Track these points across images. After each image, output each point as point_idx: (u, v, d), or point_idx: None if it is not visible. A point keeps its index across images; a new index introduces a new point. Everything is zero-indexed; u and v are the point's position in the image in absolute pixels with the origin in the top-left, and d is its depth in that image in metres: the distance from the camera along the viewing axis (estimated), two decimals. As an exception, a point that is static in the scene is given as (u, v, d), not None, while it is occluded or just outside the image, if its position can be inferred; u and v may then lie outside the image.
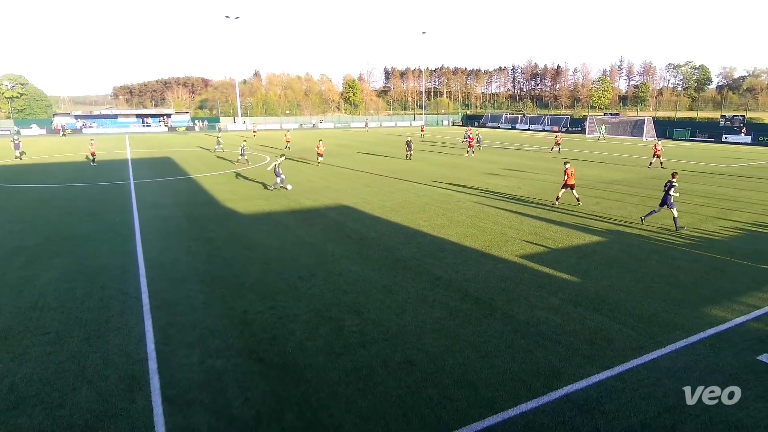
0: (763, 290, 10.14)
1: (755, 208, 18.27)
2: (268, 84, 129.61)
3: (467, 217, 16.58)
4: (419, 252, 12.69)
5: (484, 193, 21.13)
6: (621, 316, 8.93)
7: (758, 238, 14.16)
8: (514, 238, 13.97)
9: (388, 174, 27.15)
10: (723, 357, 7.51)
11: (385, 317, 8.87)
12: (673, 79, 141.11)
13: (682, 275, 11.04)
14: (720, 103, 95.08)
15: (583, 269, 11.41)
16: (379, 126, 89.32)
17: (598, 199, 19.83)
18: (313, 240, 13.93)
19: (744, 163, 32.93)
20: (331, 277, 10.91)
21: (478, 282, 10.56)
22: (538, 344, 7.89)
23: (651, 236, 14.28)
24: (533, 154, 38.63)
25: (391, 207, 18.29)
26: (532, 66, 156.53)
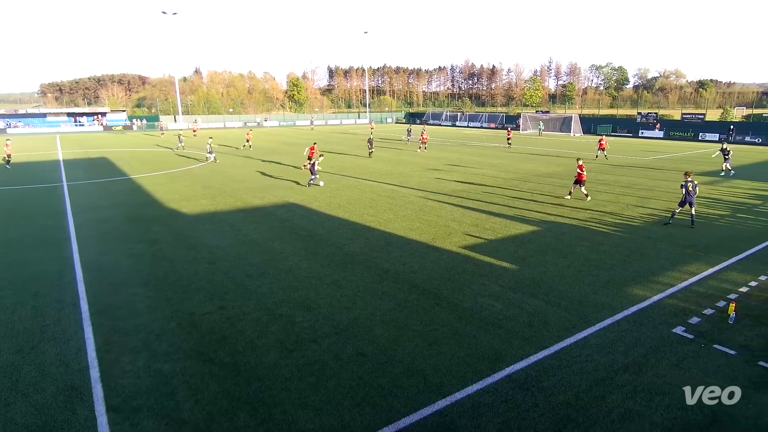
0: (676, 269, 11.03)
1: (668, 197, 19.79)
2: (210, 82, 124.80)
3: (412, 212, 16.81)
4: (367, 246, 12.72)
5: (428, 188, 21.50)
6: (555, 299, 9.41)
7: (671, 223, 15.35)
8: (457, 231, 14.33)
9: (335, 171, 26.97)
10: (643, 331, 8.11)
11: (336, 311, 8.84)
12: (596, 79, 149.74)
13: (608, 259, 11.80)
14: (636, 102, 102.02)
15: (520, 257, 11.90)
16: (324, 124, 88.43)
17: (531, 191, 20.72)
18: (261, 238, 13.61)
19: (658, 156, 35.55)
20: (281, 275, 10.72)
21: (425, 273, 10.75)
22: (482, 330, 8.16)
23: (580, 225, 15.12)
24: (474, 150, 39.71)
25: (338, 203, 18.20)
26: (469, 66, 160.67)
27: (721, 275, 10.78)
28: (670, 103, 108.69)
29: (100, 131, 71.41)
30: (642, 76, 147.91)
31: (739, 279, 10.52)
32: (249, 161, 31.35)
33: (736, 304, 8.80)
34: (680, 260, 11.71)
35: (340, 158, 33.52)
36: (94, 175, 26.48)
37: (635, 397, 6.37)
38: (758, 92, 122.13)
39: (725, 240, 13.50)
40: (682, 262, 11.60)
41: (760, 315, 8.76)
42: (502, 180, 23.90)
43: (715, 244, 13.11)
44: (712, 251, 12.41)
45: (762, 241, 13.35)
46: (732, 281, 10.39)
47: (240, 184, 22.74)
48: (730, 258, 11.89)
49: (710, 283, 10.31)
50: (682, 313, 8.81)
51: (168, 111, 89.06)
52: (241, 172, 26.60)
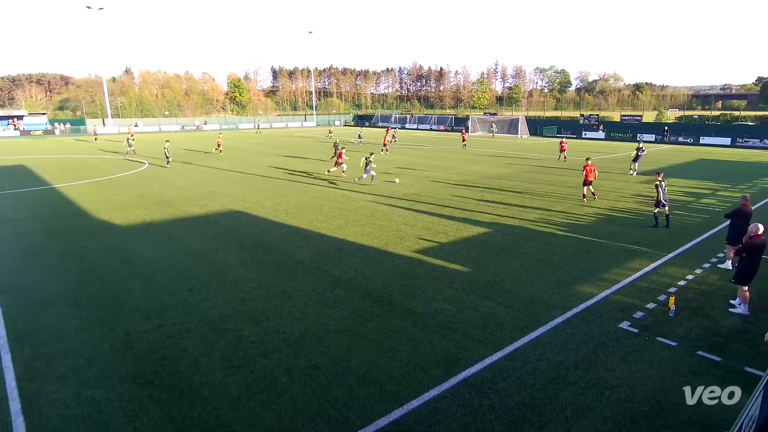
0: (620, 266, 11.71)
1: (611, 195, 20.99)
2: (143, 82, 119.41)
3: (363, 217, 16.83)
4: (318, 254, 12.61)
5: (379, 192, 21.61)
6: (508, 300, 9.71)
7: (614, 221, 16.31)
8: (410, 235, 14.50)
9: (282, 176, 26.55)
10: (592, 328, 8.54)
11: (286, 323, 8.68)
12: (540, 82, 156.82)
13: (557, 258, 12.34)
14: (579, 104, 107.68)
15: (473, 259, 12.21)
16: (269, 127, 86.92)
17: (482, 193, 21.33)
18: (203, 249, 13.15)
19: (601, 156, 37.65)
20: (226, 287, 10.40)
21: (378, 279, 10.78)
22: (437, 334, 8.27)
23: (529, 226, 15.73)
24: (425, 152, 40.36)
25: (286, 210, 17.93)
26: (417, 68, 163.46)
27: (662, 270, 11.55)
28: (610, 105, 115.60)
29: (16, 136, 66.44)
30: (583, 79, 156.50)
31: (677, 273, 11.31)
32: (188, 167, 30.23)
33: (676, 297, 9.46)
34: (624, 257, 12.44)
35: (287, 162, 33.04)
36: (9, 184, 24.58)
37: (587, 393, 6.68)
38: (688, 95, 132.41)
39: (664, 236, 14.48)
40: (625, 258, 12.32)
41: (697, 307, 9.46)
42: (452, 182, 24.43)
43: (655, 240, 14.03)
44: (652, 247, 13.27)
45: (697, 236, 14.44)
46: (671, 275, 11.16)
47: (179, 191, 21.88)
48: (669, 253, 12.77)
49: (652, 278, 11.02)
50: (627, 308, 9.35)
51: (95, 114, 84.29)
52: (180, 180, 25.61)
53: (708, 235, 14.60)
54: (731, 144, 50.09)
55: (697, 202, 20.05)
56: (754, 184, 25.07)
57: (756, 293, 9.68)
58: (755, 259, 9.06)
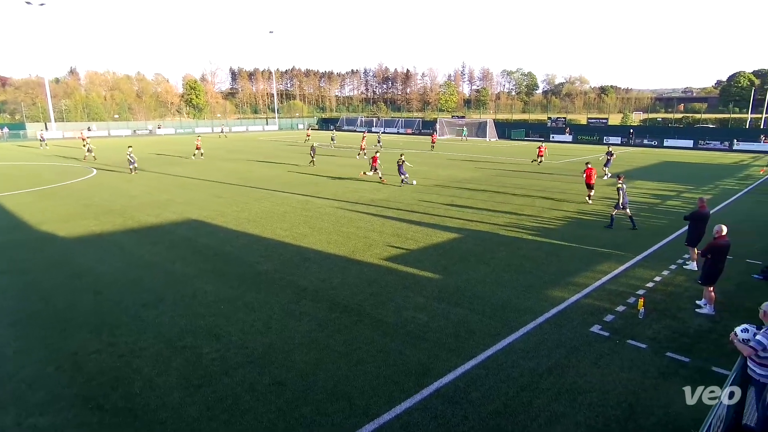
0: (589, 269, 12.07)
1: (579, 198, 21.65)
2: (89, 84, 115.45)
3: (329, 224, 16.76)
4: (282, 264, 12.46)
5: (345, 198, 21.58)
6: (479, 306, 9.85)
7: (582, 224, 16.82)
8: (378, 242, 14.52)
9: (243, 182, 26.15)
10: (564, 333, 8.75)
11: (249, 338, 8.52)
12: (507, 84, 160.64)
13: (527, 263, 12.61)
14: (546, 107, 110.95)
15: (443, 266, 12.33)
16: (228, 131, 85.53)
17: (451, 197, 21.61)
18: (158, 260, 12.77)
19: (569, 159, 38.83)
20: (183, 301, 10.13)
21: (346, 289, 10.74)
22: (407, 344, 8.29)
23: (499, 231, 16.03)
24: (392, 157, 40.57)
25: (247, 218, 17.65)
26: (383, 70, 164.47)
27: (630, 272, 11.98)
28: (577, 108, 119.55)
29: (-55, 142, 62.84)
30: (550, 81, 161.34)
31: (646, 275, 11.76)
32: (141, 175, 29.33)
33: (644, 299, 9.82)
34: (593, 260, 12.84)
35: (250, 168, 32.57)
36: (-61, 195, 23.21)
37: (560, 399, 6.83)
38: (652, 98, 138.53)
39: (632, 239, 15.03)
40: (594, 261, 12.72)
41: (665, 308, 9.84)
42: (421, 187, 24.65)
43: (623, 243, 14.54)
44: (621, 249, 13.75)
45: (663, 238, 15.06)
46: (640, 277, 11.59)
47: (131, 200, 21.20)
48: (636, 255, 13.26)
49: (621, 280, 11.41)
50: (597, 311, 9.64)
51: (36, 117, 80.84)
52: (132, 187, 24.84)
53: (674, 237, 15.24)
54: (694, 146, 52.56)
55: (663, 204, 20.92)
56: (716, 185, 26.38)
57: (721, 293, 10.16)
58: (719, 260, 9.51)
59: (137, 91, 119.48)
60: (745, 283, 11.29)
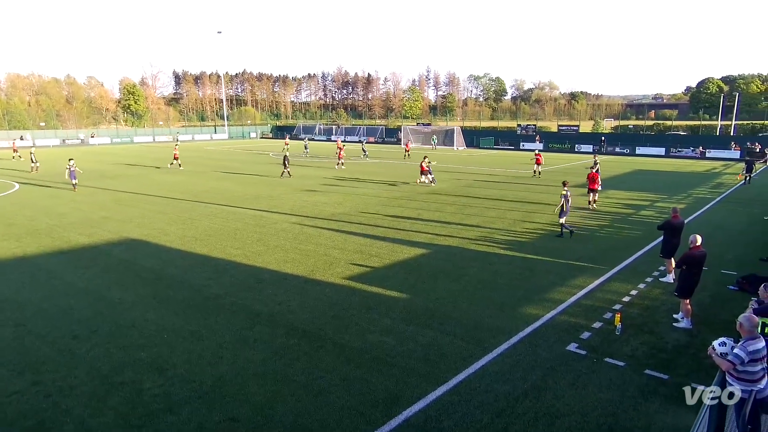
0: (565, 284, 12.38)
1: (551, 209, 22.22)
2: (11, 88, 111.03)
3: (286, 241, 16.60)
4: (233, 286, 12.23)
5: (304, 213, 21.44)
6: (451, 327, 9.91)
7: (555, 237, 17.27)
8: (340, 259, 14.46)
9: (190, 197, 25.59)
10: (540, 353, 8.91)
11: (197, 370, 8.28)
12: (475, 90, 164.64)
13: (500, 279, 12.82)
14: (516, 113, 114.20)
15: (411, 284, 12.37)
16: (171, 140, 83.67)
17: (418, 210, 21.79)
18: (91, 286, 12.30)
19: (540, 168, 39.86)
20: (121, 331, 9.77)
21: (305, 312, 10.62)
22: (373, 371, 8.24)
23: (470, 245, 16.25)
24: (354, 168, 40.63)
25: (194, 236, 17.27)
26: (342, 74, 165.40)
27: (606, 287, 12.36)
28: (547, 115, 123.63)
29: None
30: (519, 87, 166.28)
31: (622, 289, 12.15)
32: (69, 191, 28.25)
33: (621, 314, 10.14)
34: (568, 274, 13.18)
35: (197, 180, 31.94)
36: None
37: (537, 423, 6.93)
38: (623, 104, 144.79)
39: (607, 251, 15.54)
40: (569, 276, 13.06)
41: (642, 323, 10.19)
42: (385, 199, 24.78)
43: (598, 255, 15.00)
44: (595, 263, 14.17)
45: (638, 249, 15.63)
46: (616, 291, 11.97)
47: (59, 218, 20.38)
48: (612, 268, 13.70)
49: (597, 295, 11.75)
50: (573, 329, 9.87)
51: (-53, 125, 76.94)
52: (60, 204, 23.89)
53: (649, 248, 15.84)
54: (666, 154, 55.09)
55: (637, 214, 21.76)
56: (689, 194, 27.68)
57: (697, 305, 10.60)
58: (695, 271, 9.94)
59: (67, 96, 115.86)
60: (721, 295, 11.83)
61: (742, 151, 50.39)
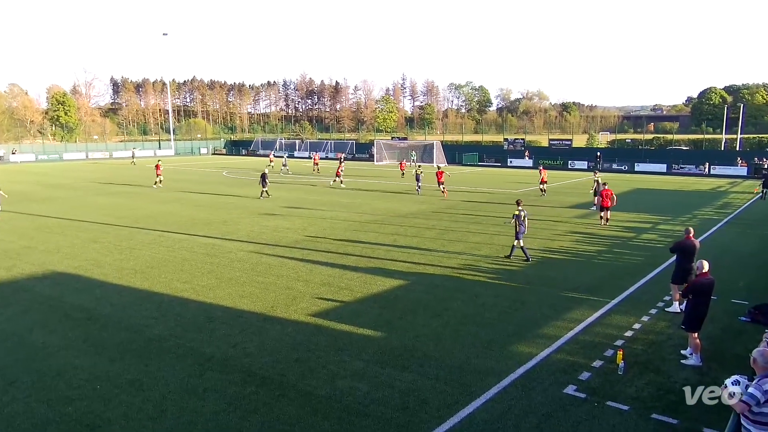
0: (560, 318, 12.51)
1: (543, 234, 22.57)
2: None
3: (242, 273, 16.43)
4: (179, 326, 12.03)
5: (263, 240, 21.28)
6: (432, 369, 9.87)
7: (548, 264, 17.52)
8: (304, 293, 14.36)
9: (129, 222, 25.18)
10: (534, 396, 8.93)
11: (136, 427, 8.07)
12: (456, 100, 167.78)
13: (487, 312, 12.88)
14: (502, 126, 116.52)
15: (386, 320, 12.33)
16: (108, 157, 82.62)
17: (394, 236, 21.85)
18: (9, 329, 11.97)
19: (529, 187, 40.60)
20: (44, 382, 9.48)
21: (264, 355, 10.49)
22: (344, 423, 8.13)
23: (453, 274, 16.33)
24: (320, 188, 40.64)
25: (134, 268, 16.97)
26: (306, 81, 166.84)
27: (606, 320, 12.52)
28: (537, 128, 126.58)
29: None
30: (505, 97, 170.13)
31: (624, 322, 12.33)
32: (-13, 214, 27.51)
33: (624, 351, 10.26)
34: (564, 306, 13.32)
35: (139, 203, 31.46)
36: None
37: (532, 479, 6.89)
38: (619, 116, 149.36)
39: (606, 279, 15.80)
40: (565, 308, 13.20)
41: (647, 361, 10.32)
42: (357, 224, 24.80)
43: (596, 284, 15.24)
44: (594, 293, 14.38)
45: (641, 277, 15.93)
46: (617, 325, 12.13)
47: (-28, 248, 19.75)
48: (612, 299, 13.91)
49: (596, 329, 11.89)
50: (571, 368, 9.94)
51: None
52: (-26, 231, 23.18)
53: (653, 275, 16.17)
54: (667, 170, 56.79)
55: (638, 237, 22.24)
56: (694, 215, 28.50)
57: (706, 339, 10.81)
58: (702, 301, 10.15)
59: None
60: (732, 327, 12.10)
61: (749, 168, 52.38)
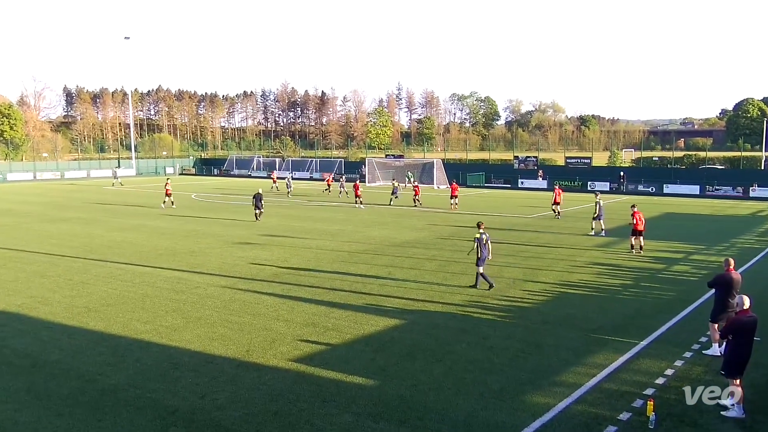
0: (582, 363, 12.44)
1: (560, 265, 22.60)
2: None
3: (213, 311, 16.35)
4: (139, 374, 11.93)
5: (237, 273, 21.22)
6: (433, 424, 9.77)
7: (568, 300, 17.50)
8: (285, 335, 14.27)
9: (82, 253, 25.08)
10: (552, 455, 8.82)
11: (86, 493, 7.89)
12: (459, 113, 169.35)
13: (497, 357, 12.81)
14: (512, 142, 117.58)
15: (380, 367, 12.24)
16: (59, 177, 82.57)
17: (389, 268, 21.82)
18: (-61, 378, 11.75)
19: (543, 212, 40.79)
20: (-20, 440, 9.29)
21: (237, 408, 10.39)
22: (330, 487, 8.00)
23: (457, 312, 16.28)
24: (302, 212, 40.64)
25: (87, 306, 16.86)
26: (288, 92, 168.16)
27: (634, 365, 12.46)
28: (551, 144, 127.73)
29: None
30: (514, 109, 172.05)
31: (654, 368, 12.27)
32: None
33: (655, 401, 10.18)
34: (585, 349, 13.27)
35: (95, 230, 31.36)
36: None
37: None
38: (645, 131, 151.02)
39: (633, 318, 15.79)
40: (587, 351, 13.15)
41: (682, 412, 10.25)
42: (345, 254, 24.77)
43: (622, 323, 15.21)
44: (620, 333, 14.35)
45: (672, 316, 15.93)
46: (647, 371, 12.07)
47: None
48: (641, 340, 13.88)
49: (623, 376, 11.82)
50: (594, 422, 9.85)
51: None
52: None
53: (687, 313, 16.17)
54: (700, 193, 57.29)
55: (668, 270, 22.30)
56: (732, 243, 28.65)
57: (749, 387, 10.76)
58: (744, 342, 10.14)
59: None
60: (779, 373, 12.06)
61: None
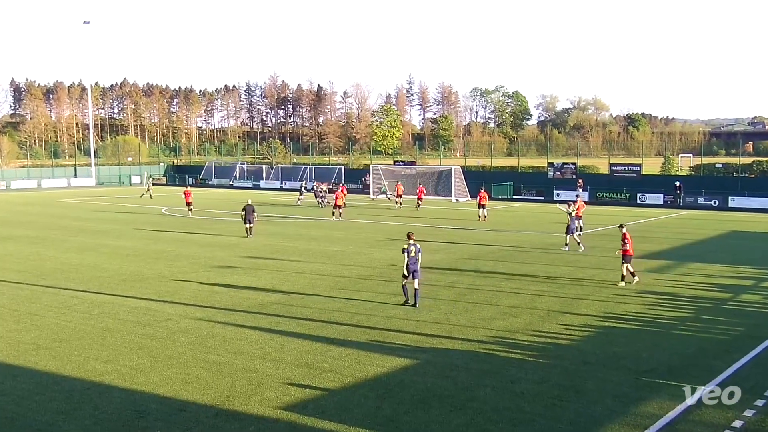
0: (630, 413, 12.31)
1: (604, 294, 22.46)
2: None
3: (186, 348, 16.35)
4: (98, 424, 11.94)
5: (215, 303, 21.22)
6: (451, 486, 9.70)
7: (612, 336, 17.36)
8: (273, 378, 14.23)
9: (30, 278, 25.18)
10: None
11: None
12: (482, 111, 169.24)
13: (528, 405, 12.70)
14: (545, 146, 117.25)
15: (387, 416, 12.17)
16: (5, 188, 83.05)
17: (397, 297, 21.71)
18: None
19: (585, 230, 40.59)
20: None
21: (215, 466, 10.34)
22: None
23: (479, 350, 16.18)
24: (295, 229, 40.64)
25: (35, 342, 16.89)
26: (278, 86, 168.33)
27: (695, 415, 12.29)
28: (592, 149, 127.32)
29: None
30: (549, 107, 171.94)
31: (720, 418, 12.10)
32: None
33: (721, 460, 10.07)
34: (635, 396, 13.13)
35: (45, 251, 31.45)
36: None
37: None
38: (705, 132, 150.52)
39: (693, 357, 15.63)
40: (637, 398, 13.01)
41: (754, 473, 10.13)
42: (345, 280, 24.72)
43: (679, 364, 15.06)
44: (676, 377, 14.18)
45: (741, 355, 15.75)
46: (710, 423, 11.90)
47: None
48: (702, 385, 13.68)
49: (681, 428, 11.68)
50: (647, 484, 9.75)
51: None
52: None
53: (758, 352, 15.99)
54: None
55: (735, 299, 22.12)
56: (812, 268, 28.40)
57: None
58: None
59: None
60: None
61: None
